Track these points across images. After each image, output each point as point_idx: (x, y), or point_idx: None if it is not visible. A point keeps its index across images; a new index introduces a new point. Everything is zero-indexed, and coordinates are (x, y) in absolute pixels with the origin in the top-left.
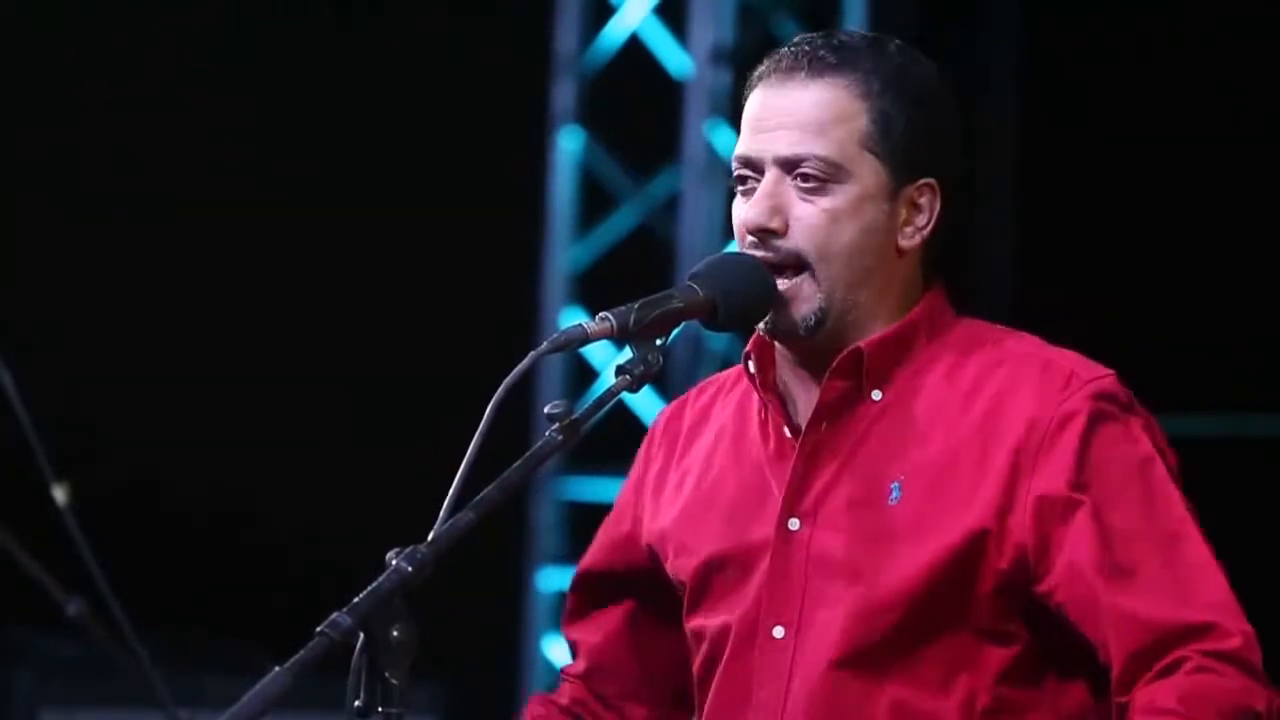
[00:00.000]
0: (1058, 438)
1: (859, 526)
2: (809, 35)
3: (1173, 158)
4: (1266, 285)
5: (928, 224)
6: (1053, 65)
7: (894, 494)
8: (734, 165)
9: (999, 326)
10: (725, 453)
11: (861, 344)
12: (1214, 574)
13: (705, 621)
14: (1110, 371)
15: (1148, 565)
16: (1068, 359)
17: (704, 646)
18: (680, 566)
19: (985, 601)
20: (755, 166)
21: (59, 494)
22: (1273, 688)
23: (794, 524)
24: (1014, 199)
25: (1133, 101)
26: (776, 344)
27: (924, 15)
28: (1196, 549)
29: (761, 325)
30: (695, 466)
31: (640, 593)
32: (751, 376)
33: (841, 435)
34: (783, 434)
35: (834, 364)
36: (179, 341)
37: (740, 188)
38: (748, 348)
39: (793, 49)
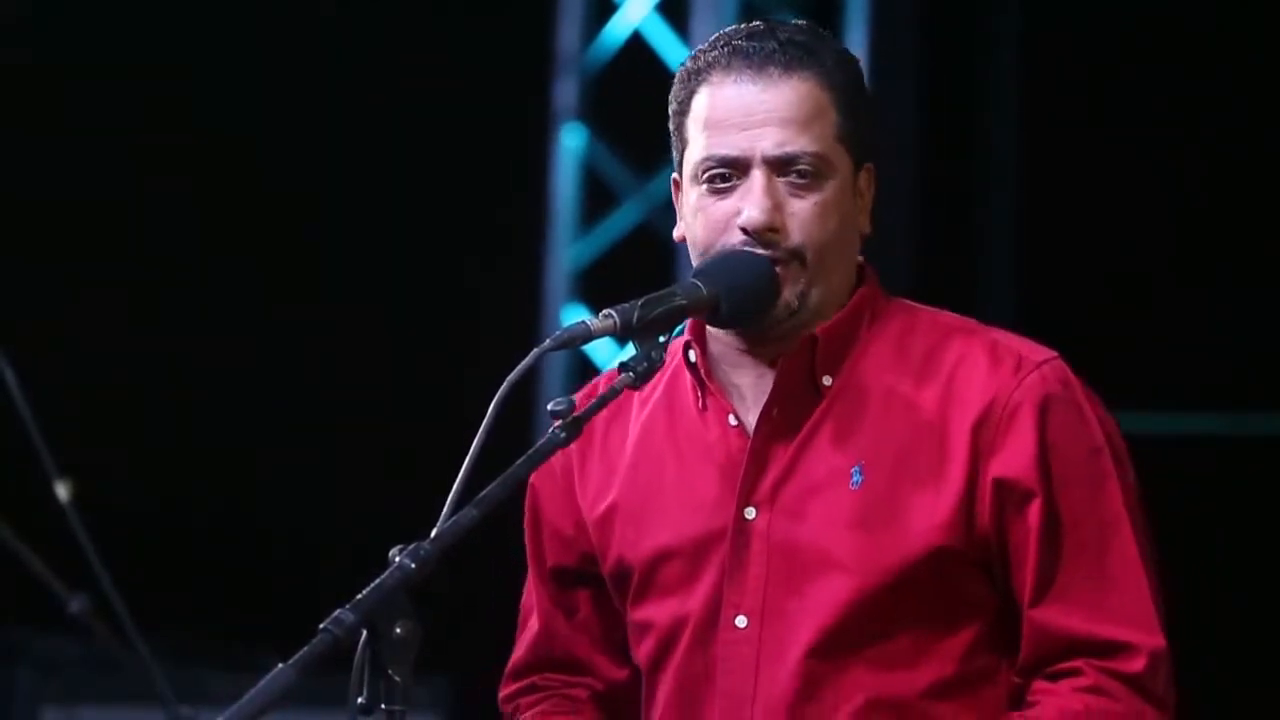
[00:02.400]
0: (1014, 420)
1: (822, 512)
2: (752, 27)
3: (1174, 157)
4: (1267, 284)
5: (868, 207)
6: (1053, 65)
7: (855, 478)
8: (707, 164)
9: (923, 305)
10: (660, 444)
11: (817, 330)
12: (1138, 578)
13: (652, 613)
14: (1055, 353)
15: (1077, 564)
16: (1011, 339)
17: (651, 637)
18: (624, 558)
19: (958, 579)
20: (738, 165)
21: (61, 491)
22: (1167, 710)
23: (750, 513)
24: (1015, 199)
25: (1134, 101)
26: (720, 332)
27: (926, 13)
28: (1127, 547)
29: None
30: (623, 459)
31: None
32: (693, 366)
33: (793, 421)
34: (727, 422)
35: (791, 350)
36: (177, 340)
37: (718, 185)
38: (687, 336)
39: (749, 42)
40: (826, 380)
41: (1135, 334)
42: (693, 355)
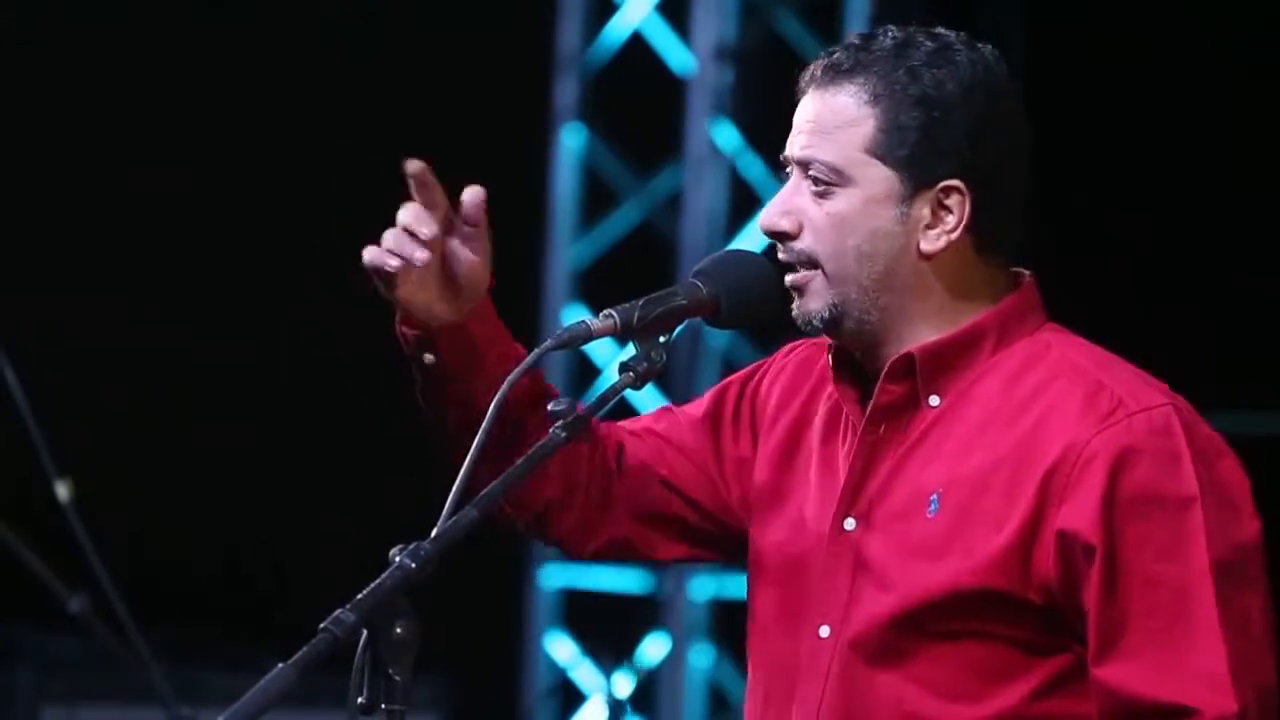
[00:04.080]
0: (1087, 470)
1: (898, 535)
2: (853, 37)
3: (1174, 157)
4: (1267, 284)
5: (957, 226)
6: (1055, 63)
7: (932, 506)
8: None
9: (1078, 338)
10: (817, 435)
11: (914, 349)
12: (1213, 641)
13: (759, 601)
14: (1165, 402)
15: (1146, 624)
16: (1123, 383)
17: (756, 623)
18: (756, 535)
19: (1019, 620)
20: (789, 164)
21: (61, 491)
22: None
23: (850, 524)
24: None
25: (1134, 101)
26: None
27: (928, 13)
28: (1203, 608)
29: (794, 312)
30: (790, 432)
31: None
32: (833, 370)
33: (898, 438)
34: (855, 430)
35: (886, 368)
36: (177, 340)
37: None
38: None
39: (826, 52)
40: (933, 400)
41: (1134, 334)
42: (830, 359)
